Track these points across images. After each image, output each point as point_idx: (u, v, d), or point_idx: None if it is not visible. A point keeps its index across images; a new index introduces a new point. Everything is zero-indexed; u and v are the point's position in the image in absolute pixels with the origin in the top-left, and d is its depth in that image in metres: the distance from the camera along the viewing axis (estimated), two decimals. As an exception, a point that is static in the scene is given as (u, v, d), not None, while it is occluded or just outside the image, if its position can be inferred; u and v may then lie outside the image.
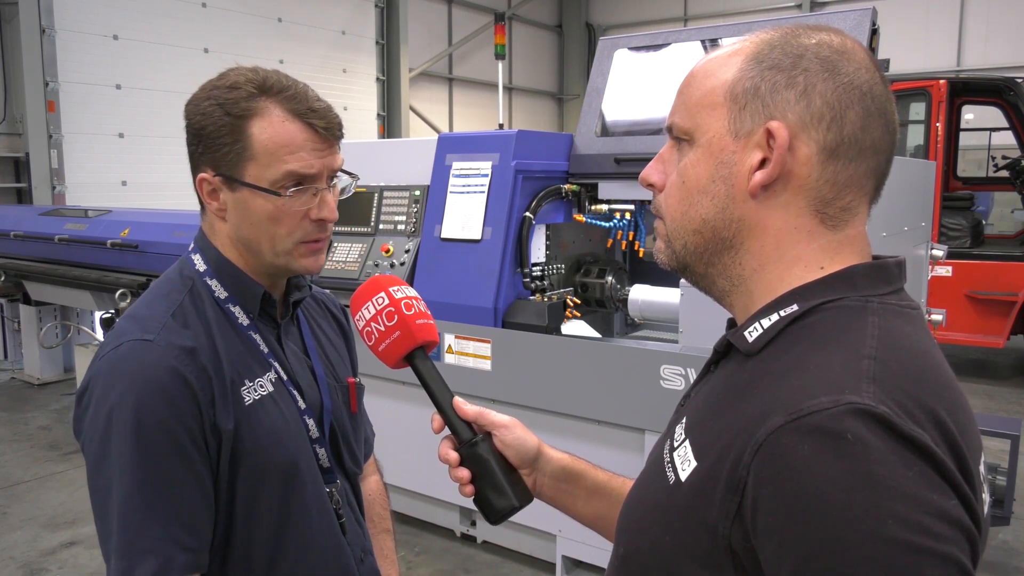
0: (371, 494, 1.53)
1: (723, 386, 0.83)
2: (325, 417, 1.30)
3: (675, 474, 0.80)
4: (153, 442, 1.06)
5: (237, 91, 1.14)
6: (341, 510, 1.30)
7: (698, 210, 0.84)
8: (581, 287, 3.66)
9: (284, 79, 1.18)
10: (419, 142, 3.73)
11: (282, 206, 1.15)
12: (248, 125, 1.13)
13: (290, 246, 1.19)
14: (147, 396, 1.06)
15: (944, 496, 0.65)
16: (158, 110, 8.17)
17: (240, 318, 1.22)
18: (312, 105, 1.16)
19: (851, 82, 0.79)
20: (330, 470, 1.29)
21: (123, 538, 1.05)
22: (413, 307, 1.14)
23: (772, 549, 0.68)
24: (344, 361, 1.44)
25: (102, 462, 1.08)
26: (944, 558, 0.63)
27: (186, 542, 1.08)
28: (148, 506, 1.05)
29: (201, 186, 1.18)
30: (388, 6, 11.86)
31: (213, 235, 1.24)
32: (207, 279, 1.22)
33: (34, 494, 4.36)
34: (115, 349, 1.11)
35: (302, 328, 1.35)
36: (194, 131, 1.17)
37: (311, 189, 1.16)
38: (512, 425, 1.13)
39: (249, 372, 1.19)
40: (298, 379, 1.27)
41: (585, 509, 1.15)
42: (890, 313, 0.78)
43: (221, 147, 1.14)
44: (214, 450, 1.12)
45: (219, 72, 1.20)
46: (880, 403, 0.67)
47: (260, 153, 1.13)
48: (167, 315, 1.15)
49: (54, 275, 5.48)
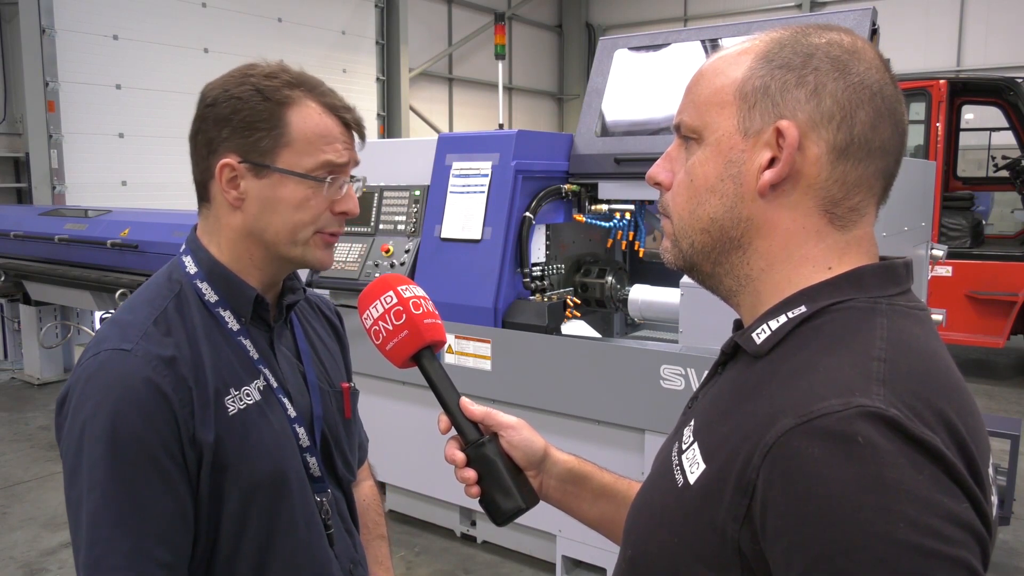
0: (365, 500, 1.51)
1: (731, 388, 0.83)
2: (316, 425, 1.27)
3: (684, 477, 0.80)
4: (126, 456, 1.03)
5: (276, 79, 1.15)
6: (330, 520, 1.27)
7: (706, 209, 0.84)
8: (581, 287, 3.65)
9: (314, 77, 1.20)
10: (419, 142, 3.72)
11: (313, 193, 1.16)
12: (287, 112, 1.14)
13: (309, 236, 1.18)
14: (121, 409, 1.04)
15: (955, 499, 0.65)
16: (158, 110, 8.17)
17: (230, 323, 1.19)
18: (343, 103, 1.20)
19: (861, 82, 0.79)
20: (320, 479, 1.26)
21: (91, 553, 1.03)
22: (421, 306, 1.13)
23: (781, 551, 0.68)
24: (339, 365, 1.41)
25: (75, 474, 1.06)
26: (955, 561, 0.63)
27: (161, 557, 1.05)
28: (118, 522, 1.03)
29: (221, 172, 1.14)
30: (388, 6, 11.86)
31: (216, 230, 1.20)
32: (197, 282, 1.19)
33: (34, 494, 4.36)
34: (94, 357, 1.09)
35: (295, 332, 1.32)
36: (222, 116, 1.14)
37: (340, 180, 1.19)
38: (519, 426, 1.12)
39: (235, 380, 1.16)
40: (288, 386, 1.24)
41: (591, 511, 1.15)
42: (899, 314, 0.78)
43: (255, 132, 1.13)
44: (193, 463, 1.09)
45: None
46: (891, 406, 0.66)
47: (298, 140, 1.14)
48: (148, 322, 1.12)
49: (54, 275, 5.47)
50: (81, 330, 6.40)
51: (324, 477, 1.28)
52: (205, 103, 1.16)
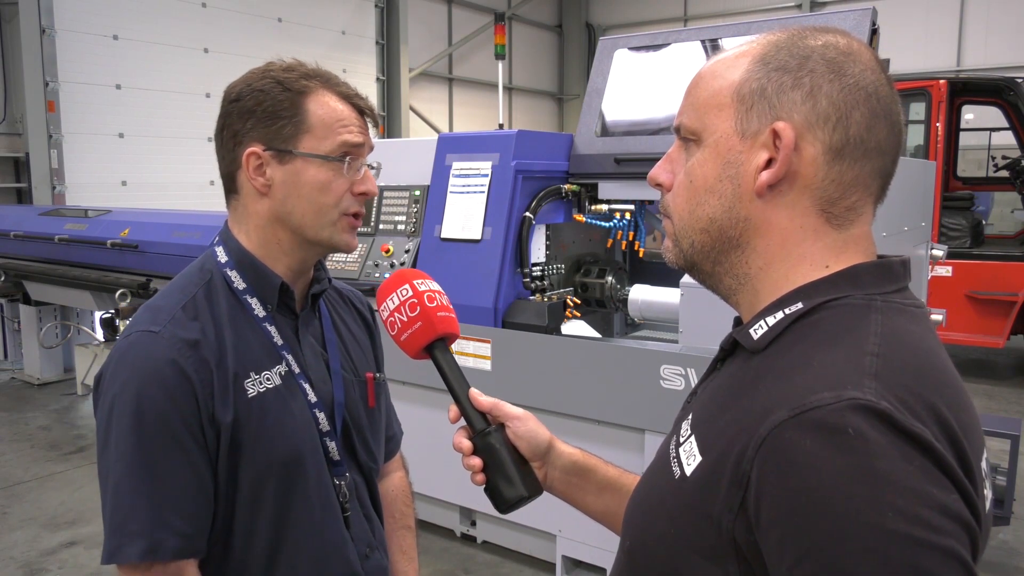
0: (394, 490, 1.56)
1: (728, 383, 0.85)
2: (336, 411, 1.32)
3: (681, 469, 0.81)
4: (150, 431, 1.11)
5: (294, 71, 1.24)
6: (348, 504, 1.32)
7: (705, 209, 0.85)
8: (581, 287, 3.66)
9: (328, 71, 1.29)
10: (419, 142, 3.73)
11: (335, 175, 1.23)
12: (305, 101, 1.22)
13: (335, 217, 1.25)
14: (146, 387, 1.12)
15: (944, 490, 0.66)
16: (158, 110, 8.18)
17: (256, 309, 1.25)
18: (356, 92, 1.29)
19: (857, 83, 0.80)
20: (340, 463, 1.31)
21: (115, 519, 1.11)
22: (436, 300, 1.18)
23: (774, 541, 0.69)
24: (367, 356, 1.46)
25: (104, 447, 1.14)
26: (944, 551, 0.64)
27: (178, 527, 1.11)
28: (139, 491, 1.10)
29: (248, 161, 1.22)
30: (388, 6, 11.86)
31: (244, 219, 1.27)
32: (227, 270, 1.26)
33: (34, 494, 4.36)
34: (126, 338, 1.17)
35: (323, 321, 1.37)
36: (245, 108, 1.22)
37: (358, 162, 1.26)
38: (525, 418, 1.15)
39: (256, 364, 1.22)
40: (311, 372, 1.29)
41: (595, 504, 1.17)
42: (894, 311, 0.79)
43: (278, 120, 1.21)
44: (213, 441, 1.16)
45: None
46: (881, 399, 0.67)
47: (316, 126, 1.22)
48: (178, 307, 1.19)
49: (54, 275, 5.48)
50: (81, 330, 6.40)
51: (344, 461, 1.32)
52: (229, 99, 1.25)
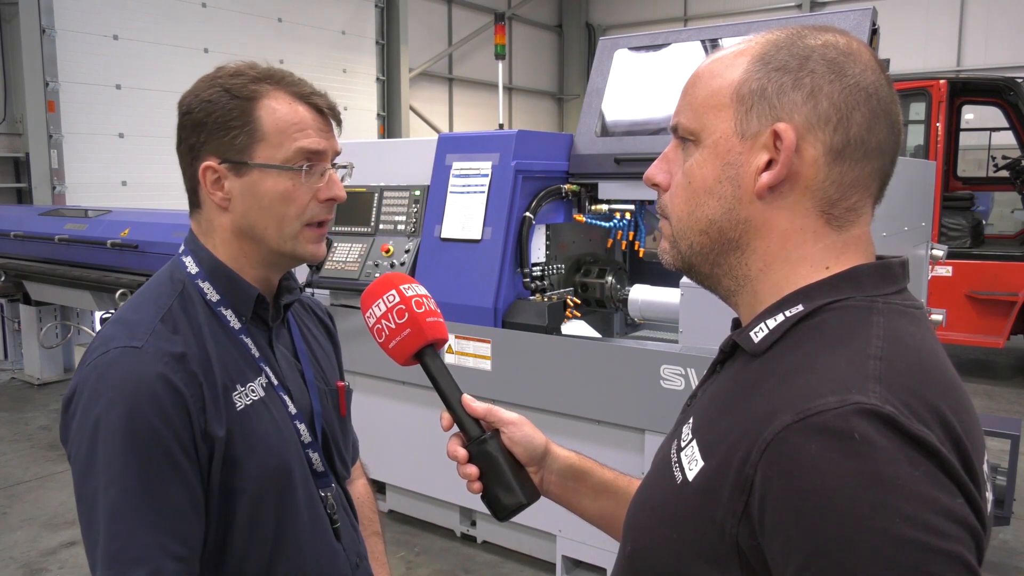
0: (360, 497, 1.53)
1: (729, 386, 0.84)
2: (316, 421, 1.29)
3: (682, 474, 0.80)
4: (142, 450, 1.04)
5: (241, 76, 1.17)
6: (336, 515, 1.29)
7: (704, 211, 0.85)
8: (581, 287, 3.65)
9: (282, 69, 1.21)
10: (419, 142, 3.72)
11: (295, 184, 1.16)
12: (256, 107, 1.15)
13: (298, 228, 1.19)
14: (137, 405, 1.05)
15: (950, 495, 0.66)
16: (158, 110, 8.15)
17: (232, 321, 1.20)
18: (313, 89, 1.21)
19: (857, 84, 0.79)
20: (324, 474, 1.28)
21: (110, 547, 1.03)
22: (424, 305, 1.14)
23: (779, 547, 0.68)
24: (332, 365, 1.43)
25: (89, 470, 1.06)
26: (950, 556, 0.64)
27: (175, 551, 1.06)
28: (136, 515, 1.04)
29: (204, 175, 1.16)
30: (388, 6, 11.86)
31: (210, 233, 1.22)
32: (199, 281, 1.20)
33: (34, 494, 4.36)
34: (103, 355, 1.09)
35: (292, 332, 1.34)
36: (196, 121, 1.16)
37: (320, 168, 1.19)
38: (520, 423, 1.13)
39: (241, 377, 1.17)
40: (288, 384, 1.25)
41: (592, 507, 1.16)
42: (895, 313, 0.78)
43: (229, 131, 1.15)
44: (205, 457, 1.10)
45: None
46: (886, 403, 0.67)
47: (270, 133, 1.15)
48: (156, 320, 1.13)
49: (54, 275, 5.47)
50: (81, 330, 6.40)
51: (327, 472, 1.29)
52: (182, 112, 1.19)
